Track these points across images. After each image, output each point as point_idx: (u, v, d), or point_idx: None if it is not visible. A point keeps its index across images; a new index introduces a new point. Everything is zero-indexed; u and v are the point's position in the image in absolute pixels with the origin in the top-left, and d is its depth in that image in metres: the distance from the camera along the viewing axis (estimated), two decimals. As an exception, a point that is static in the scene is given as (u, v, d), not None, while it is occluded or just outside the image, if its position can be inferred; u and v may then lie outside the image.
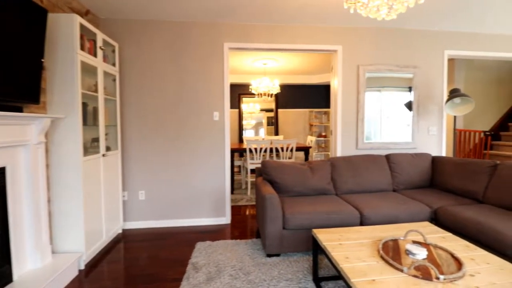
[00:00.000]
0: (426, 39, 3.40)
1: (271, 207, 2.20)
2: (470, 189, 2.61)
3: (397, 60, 3.37)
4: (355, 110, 3.31)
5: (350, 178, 2.89)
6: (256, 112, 7.04)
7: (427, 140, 3.46)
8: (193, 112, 3.06)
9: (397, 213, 2.36)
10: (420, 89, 3.42)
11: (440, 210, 2.37)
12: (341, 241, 1.72)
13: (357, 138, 3.32)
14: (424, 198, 2.62)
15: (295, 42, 3.18)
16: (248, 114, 6.95)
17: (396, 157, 3.07)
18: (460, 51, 3.48)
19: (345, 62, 3.28)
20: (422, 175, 3.04)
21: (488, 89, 5.12)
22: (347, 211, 2.32)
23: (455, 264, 1.40)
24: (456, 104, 3.12)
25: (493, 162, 2.56)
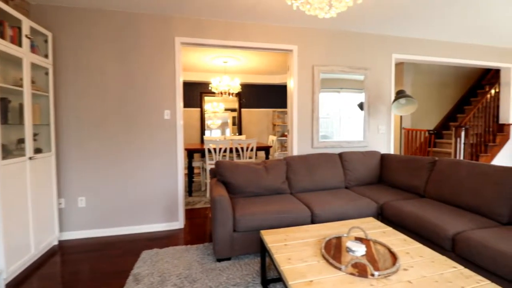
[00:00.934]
0: (376, 43, 3.56)
1: (220, 209, 2.10)
2: (413, 184, 2.77)
3: (350, 62, 3.48)
4: (310, 110, 3.35)
5: (305, 176, 2.91)
6: (220, 111, 6.91)
7: (377, 139, 3.63)
8: (141, 111, 2.85)
9: (346, 209, 2.41)
10: (370, 90, 3.58)
11: (385, 205, 2.47)
12: (287, 241, 1.69)
13: (312, 137, 3.37)
14: (372, 194, 2.72)
15: (251, 40, 3.13)
16: (212, 113, 6.80)
17: (348, 155, 3.16)
18: (406, 55, 3.71)
19: (300, 62, 3.30)
20: (372, 172, 3.17)
21: (433, 91, 5.58)
22: (298, 210, 2.31)
23: (391, 259, 1.43)
24: (402, 105, 3.31)
25: (432, 159, 2.74)
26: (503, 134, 4.29)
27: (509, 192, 1.98)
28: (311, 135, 3.37)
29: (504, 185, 2.01)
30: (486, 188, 2.10)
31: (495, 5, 2.72)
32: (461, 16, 2.98)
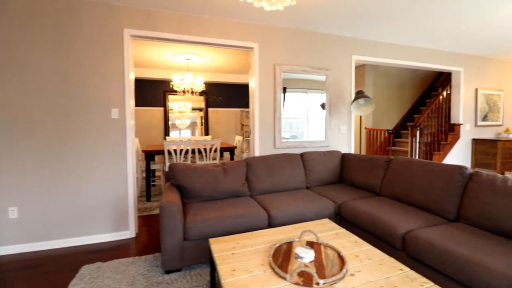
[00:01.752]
0: (336, 44, 3.59)
1: (167, 216, 1.93)
2: (370, 183, 2.81)
3: (311, 62, 3.47)
4: (272, 110, 3.28)
5: (266, 177, 2.83)
6: (187, 111, 6.64)
7: (339, 138, 3.67)
8: (83, 109, 2.56)
9: (304, 211, 2.36)
10: (331, 91, 3.60)
11: (343, 205, 2.46)
12: (236, 249, 1.57)
13: (274, 137, 3.30)
14: (332, 194, 2.71)
15: (209, 36, 2.98)
16: (179, 113, 6.51)
17: (309, 155, 3.14)
18: (366, 56, 3.79)
19: (261, 60, 3.22)
20: (333, 171, 3.18)
21: (392, 92, 5.83)
22: (255, 214, 2.21)
23: (340, 263, 1.38)
24: (361, 105, 3.36)
25: (388, 158, 2.80)
26: (454, 133, 4.58)
27: (456, 189, 2.04)
28: (273, 135, 3.30)
29: (451, 183, 2.07)
30: (435, 186, 2.16)
31: (444, 16, 2.85)
32: (415, 23, 3.09)
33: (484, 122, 4.93)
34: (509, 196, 1.72)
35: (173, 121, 6.52)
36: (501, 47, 4.24)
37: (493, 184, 1.84)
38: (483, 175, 1.95)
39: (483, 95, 4.87)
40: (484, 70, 4.85)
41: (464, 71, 4.62)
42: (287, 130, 3.44)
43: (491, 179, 1.88)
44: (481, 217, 1.82)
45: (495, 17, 3.02)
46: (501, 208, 1.73)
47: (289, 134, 3.51)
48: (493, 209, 1.77)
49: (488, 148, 4.51)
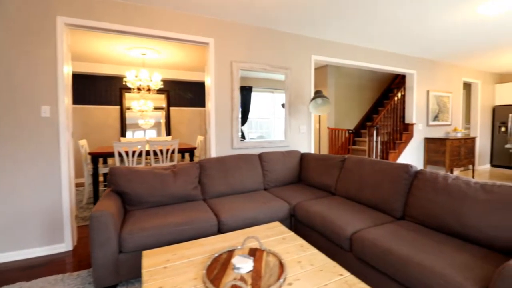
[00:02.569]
0: (296, 43, 3.56)
1: (98, 227, 1.71)
2: (326, 182, 2.79)
3: (270, 60, 3.40)
4: (229, 108, 3.15)
5: (221, 180, 2.69)
6: (148, 110, 6.27)
7: (299, 138, 3.64)
8: (5, 106, 2.22)
9: (257, 214, 2.26)
10: (291, 90, 3.57)
11: (297, 206, 2.41)
12: (170, 262, 1.41)
13: (232, 138, 3.17)
14: (288, 195, 2.65)
15: (159, 28, 2.76)
16: (139, 112, 6.13)
17: (268, 156, 3.06)
18: (325, 57, 3.81)
19: (218, 57, 3.07)
20: (292, 171, 3.13)
21: (353, 93, 6.00)
22: (203, 219, 2.06)
23: (279, 272, 1.28)
24: (319, 104, 3.36)
25: (343, 157, 2.81)
26: (408, 133, 4.81)
27: (402, 188, 2.07)
28: (230, 135, 3.17)
29: (397, 182, 2.10)
30: (384, 185, 2.18)
31: (391, 20, 2.94)
32: (368, 25, 3.15)
33: (435, 122, 5.25)
34: (449, 194, 1.76)
35: (134, 120, 6.14)
36: (447, 52, 4.53)
37: (435, 182, 1.89)
38: (426, 173, 1.99)
39: (434, 97, 5.18)
40: (435, 73, 5.17)
41: (417, 74, 4.88)
42: (255, 131, 3.39)
43: (433, 177, 1.93)
44: (424, 215, 1.86)
45: (439, 23, 3.19)
46: (441, 206, 1.77)
47: (256, 134, 3.43)
48: (434, 206, 1.81)
49: (438, 147, 4.81)
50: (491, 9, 2.84)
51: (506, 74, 6.59)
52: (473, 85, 6.17)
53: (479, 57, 4.90)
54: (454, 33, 3.60)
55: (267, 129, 3.47)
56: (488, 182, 1.66)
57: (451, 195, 1.74)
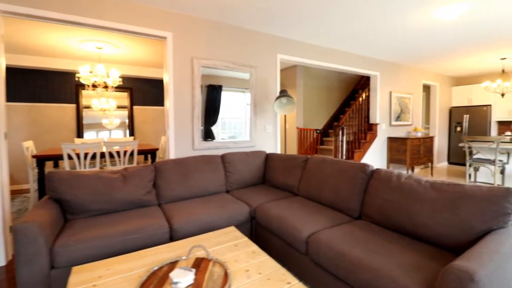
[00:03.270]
0: (261, 41, 3.49)
1: (23, 242, 1.49)
2: (289, 183, 2.75)
3: (234, 58, 3.29)
4: (190, 107, 3.00)
5: (179, 183, 2.53)
6: (111, 109, 5.87)
7: (264, 138, 3.58)
8: None
9: (215, 218, 2.14)
10: (256, 89, 3.49)
11: (258, 208, 2.32)
12: (102, 279, 1.25)
13: (193, 138, 3.02)
14: (250, 197, 2.56)
15: (109, 19, 2.54)
16: (100, 111, 5.73)
17: (231, 156, 2.95)
18: (291, 56, 3.79)
19: (177, 52, 2.90)
20: (256, 172, 3.05)
21: (322, 93, 6.09)
22: (153, 227, 1.90)
23: (222, 283, 1.18)
24: (284, 104, 3.32)
25: (305, 157, 2.78)
26: (372, 132, 4.95)
27: (359, 187, 2.07)
28: (191, 135, 3.02)
29: (355, 181, 2.09)
30: (342, 184, 2.17)
31: (357, 22, 2.97)
32: (331, 26, 3.16)
33: (397, 122, 5.47)
34: (401, 192, 1.77)
35: (97, 120, 5.73)
36: (408, 55, 4.73)
37: (389, 181, 1.90)
38: (381, 172, 2.00)
39: (396, 98, 5.40)
40: (397, 75, 5.39)
41: (380, 75, 5.04)
42: (228, 131, 3.32)
43: (388, 176, 1.94)
44: (379, 214, 1.85)
45: (397, 27, 3.29)
46: (394, 204, 1.77)
47: (228, 134, 3.33)
48: (388, 205, 1.81)
49: (400, 145, 5.00)
50: (445, 14, 2.97)
51: (461, 78, 7.08)
52: (432, 87, 6.54)
53: (437, 61, 5.19)
54: (413, 37, 3.75)
55: (239, 129, 3.40)
56: (437, 181, 1.69)
57: (404, 194, 1.75)
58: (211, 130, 3.22)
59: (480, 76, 6.74)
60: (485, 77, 6.63)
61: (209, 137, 3.21)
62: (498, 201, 1.38)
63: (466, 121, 6.54)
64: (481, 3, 2.72)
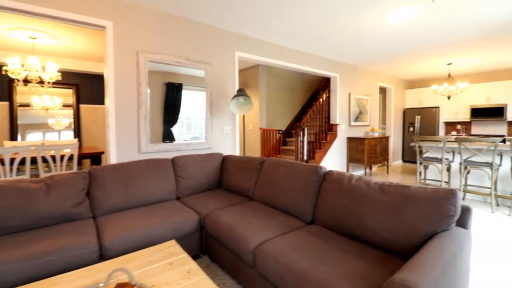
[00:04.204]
0: (218, 37, 3.30)
1: None
2: (245, 186, 2.60)
3: (187, 54, 3.06)
4: (135, 106, 2.71)
5: (119, 191, 2.24)
6: (55, 107, 5.25)
7: (222, 140, 3.40)
8: None
9: (155, 231, 1.91)
10: (213, 87, 3.29)
11: (208, 216, 2.13)
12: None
13: (139, 140, 2.73)
14: (202, 203, 2.36)
15: (35, 3, 2.17)
16: (42, 110, 5.10)
17: (183, 160, 2.72)
18: (251, 54, 3.65)
19: (119, 44, 2.60)
20: (211, 176, 2.86)
21: (285, 94, 6.07)
22: (78, 245, 1.62)
23: (140, 318, 0.97)
24: (241, 103, 3.17)
25: (262, 159, 2.65)
26: (332, 133, 5.03)
27: (312, 190, 1.98)
28: (137, 137, 2.73)
29: (308, 184, 2.01)
30: (296, 188, 2.07)
31: (310, 23, 2.93)
32: (288, 24, 3.09)
33: (356, 122, 5.64)
34: (351, 195, 1.71)
35: (42, 120, 5.11)
36: (365, 58, 4.87)
37: (340, 183, 1.83)
38: (334, 174, 1.94)
39: (355, 99, 5.56)
40: (355, 77, 5.55)
41: (340, 77, 5.14)
42: (192, 131, 3.14)
43: (340, 178, 1.87)
44: (331, 218, 1.78)
45: (351, 30, 3.33)
46: (344, 208, 1.70)
47: (190, 135, 3.13)
48: (339, 209, 1.74)
49: (358, 145, 5.15)
50: (396, 18, 3.05)
51: (413, 81, 7.56)
52: (387, 90, 6.88)
53: (391, 64, 5.44)
54: (368, 40, 3.83)
55: (201, 129, 3.20)
56: (385, 183, 1.65)
57: (353, 196, 1.69)
58: (171, 131, 2.99)
59: (429, 80, 7.25)
60: (434, 81, 7.15)
61: (168, 139, 2.98)
62: (441, 203, 1.36)
63: (418, 121, 6.99)
64: (427, 9, 2.83)
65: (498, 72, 6.15)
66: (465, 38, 3.79)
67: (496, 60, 5.11)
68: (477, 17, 3.05)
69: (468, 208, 1.45)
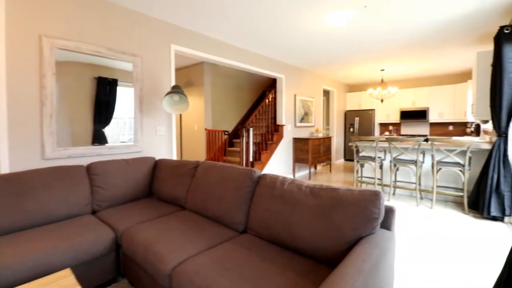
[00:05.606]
0: (149, 27, 2.96)
1: None
2: (176, 194, 2.33)
3: (111, 43, 2.66)
4: (37, 102, 2.22)
5: (10, 208, 1.78)
6: None
7: (155, 142, 3.05)
8: None
9: (51, 257, 1.53)
10: (144, 83, 2.93)
11: (125, 233, 1.82)
12: None
13: (43, 144, 2.25)
14: (123, 217, 2.02)
15: None
16: None
17: (101, 166, 2.32)
18: (189, 49, 3.38)
19: (13, 25, 2.09)
20: (139, 184, 2.51)
21: (232, 93, 5.90)
22: None
23: None
24: (176, 102, 2.88)
25: (196, 163, 2.42)
26: (278, 133, 5.02)
27: (245, 196, 1.82)
28: (40, 140, 2.24)
29: (241, 189, 1.84)
30: (228, 194, 1.89)
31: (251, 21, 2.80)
32: (235, 19, 2.91)
33: (301, 123, 5.75)
34: (283, 200, 1.59)
35: None
36: (308, 61, 4.98)
37: (273, 188, 1.71)
38: (267, 178, 1.81)
39: (300, 101, 5.66)
40: (301, 79, 5.66)
41: (285, 78, 5.17)
42: (128, 132, 2.80)
43: (273, 182, 1.75)
44: (263, 227, 1.64)
45: (291, 31, 3.31)
46: (275, 215, 1.58)
47: (128, 137, 2.78)
48: (270, 216, 1.61)
49: (303, 146, 5.24)
50: (334, 20, 3.09)
51: (353, 85, 8.10)
52: (331, 92, 7.22)
53: (333, 68, 5.68)
54: (309, 42, 3.88)
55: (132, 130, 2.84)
56: (316, 185, 1.57)
57: (284, 201, 1.58)
58: (103, 132, 2.62)
59: (366, 84, 7.85)
60: (370, 85, 7.76)
61: (99, 141, 2.59)
62: (366, 205, 1.32)
63: (357, 123, 7.50)
64: (361, 14, 2.94)
65: (422, 79, 6.93)
66: (396, 46, 4.10)
67: (421, 68, 5.72)
68: (406, 25, 3.30)
69: (391, 208, 1.45)
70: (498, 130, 2.93)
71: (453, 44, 4.02)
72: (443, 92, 6.30)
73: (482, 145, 3.48)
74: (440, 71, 6.07)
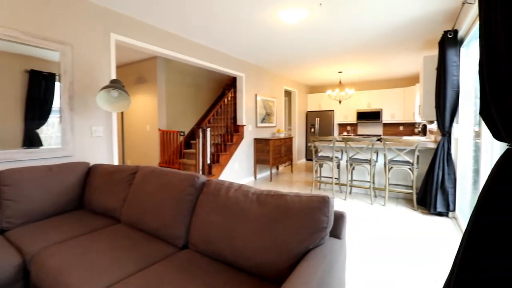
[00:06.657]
0: (82, 10, 2.56)
1: None
2: (110, 205, 2.01)
3: (27, 26, 2.22)
4: None
5: None
6: None
7: (91, 145, 2.66)
8: None
9: None
10: (75, 76, 2.53)
11: (36, 256, 1.47)
12: None
13: None
14: (37, 236, 1.66)
15: None
16: None
17: (14, 175, 1.91)
18: (133, 40, 3.02)
19: None
20: (67, 194, 2.13)
21: (189, 92, 5.57)
22: None
23: None
24: (115, 98, 2.53)
25: (135, 169, 2.11)
26: (238, 134, 4.84)
27: (186, 206, 1.60)
28: None
29: (182, 198, 1.61)
30: (167, 203, 1.65)
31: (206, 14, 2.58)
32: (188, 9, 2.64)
33: (263, 124, 5.65)
34: (226, 210, 1.40)
35: None
36: (268, 60, 4.88)
37: (217, 195, 1.51)
38: (212, 185, 1.60)
39: (261, 101, 5.55)
40: (261, 79, 5.54)
41: (246, 77, 5.00)
42: (54, 135, 2.39)
43: (218, 189, 1.55)
44: (205, 241, 1.43)
45: (248, 27, 3.16)
46: (218, 227, 1.39)
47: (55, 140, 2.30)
48: (213, 228, 1.41)
49: (264, 146, 5.13)
50: (290, 17, 2.99)
51: (314, 86, 8.26)
52: (292, 93, 7.25)
53: (293, 69, 5.67)
54: (267, 41, 3.76)
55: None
56: (264, 192, 1.41)
57: (228, 211, 1.39)
58: (37, 133, 2.26)
59: (326, 86, 8.05)
60: (329, 87, 7.97)
61: (32, 143, 2.22)
62: (314, 213, 1.19)
63: (318, 123, 7.65)
64: (317, 13, 2.88)
65: (377, 82, 7.29)
66: (351, 47, 4.17)
67: (376, 71, 5.98)
68: (359, 26, 3.33)
69: (341, 214, 1.34)
70: (442, 130, 3.09)
71: (402, 48, 4.22)
72: (395, 95, 6.69)
73: (429, 144, 3.67)
74: (392, 74, 6.43)
